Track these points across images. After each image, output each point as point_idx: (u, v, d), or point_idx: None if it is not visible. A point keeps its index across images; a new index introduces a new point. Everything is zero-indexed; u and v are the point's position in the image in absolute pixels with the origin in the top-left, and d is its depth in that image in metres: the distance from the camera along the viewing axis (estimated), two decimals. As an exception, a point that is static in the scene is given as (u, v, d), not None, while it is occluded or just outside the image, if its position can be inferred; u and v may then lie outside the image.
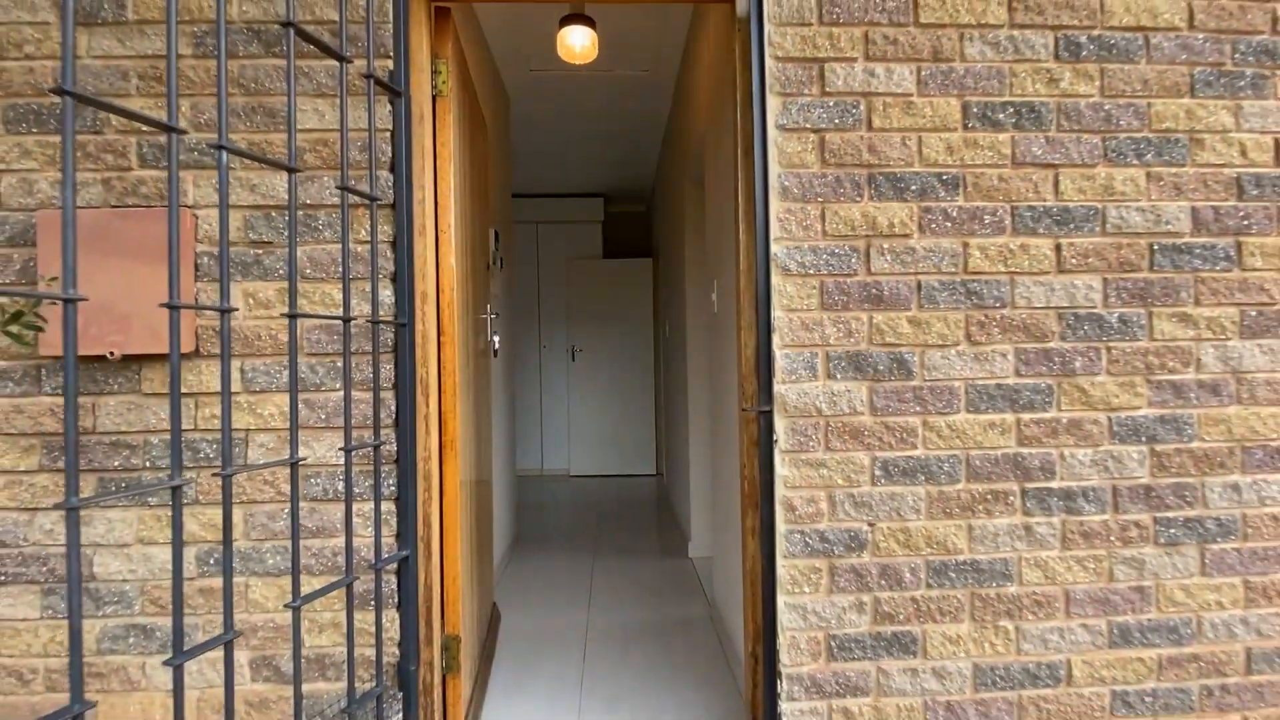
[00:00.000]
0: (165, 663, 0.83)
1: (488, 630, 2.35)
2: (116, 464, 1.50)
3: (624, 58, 3.34)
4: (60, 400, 1.49)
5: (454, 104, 1.79)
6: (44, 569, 1.50)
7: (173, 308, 0.80)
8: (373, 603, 1.43)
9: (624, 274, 5.88)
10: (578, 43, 2.57)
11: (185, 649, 0.82)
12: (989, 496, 1.60)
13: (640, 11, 2.93)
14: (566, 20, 2.65)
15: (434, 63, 1.72)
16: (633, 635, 2.53)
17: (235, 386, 1.53)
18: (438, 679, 1.66)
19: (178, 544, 0.82)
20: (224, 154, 0.90)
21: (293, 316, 1.04)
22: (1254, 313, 1.64)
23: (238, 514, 1.52)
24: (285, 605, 1.20)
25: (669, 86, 3.74)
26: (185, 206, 1.51)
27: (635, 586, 3.07)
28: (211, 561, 1.50)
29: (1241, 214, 1.64)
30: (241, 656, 1.51)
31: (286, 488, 1.50)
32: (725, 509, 2.45)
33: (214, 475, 1.48)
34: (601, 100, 3.91)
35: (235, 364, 1.53)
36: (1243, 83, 1.65)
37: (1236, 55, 1.65)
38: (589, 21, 2.68)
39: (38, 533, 1.50)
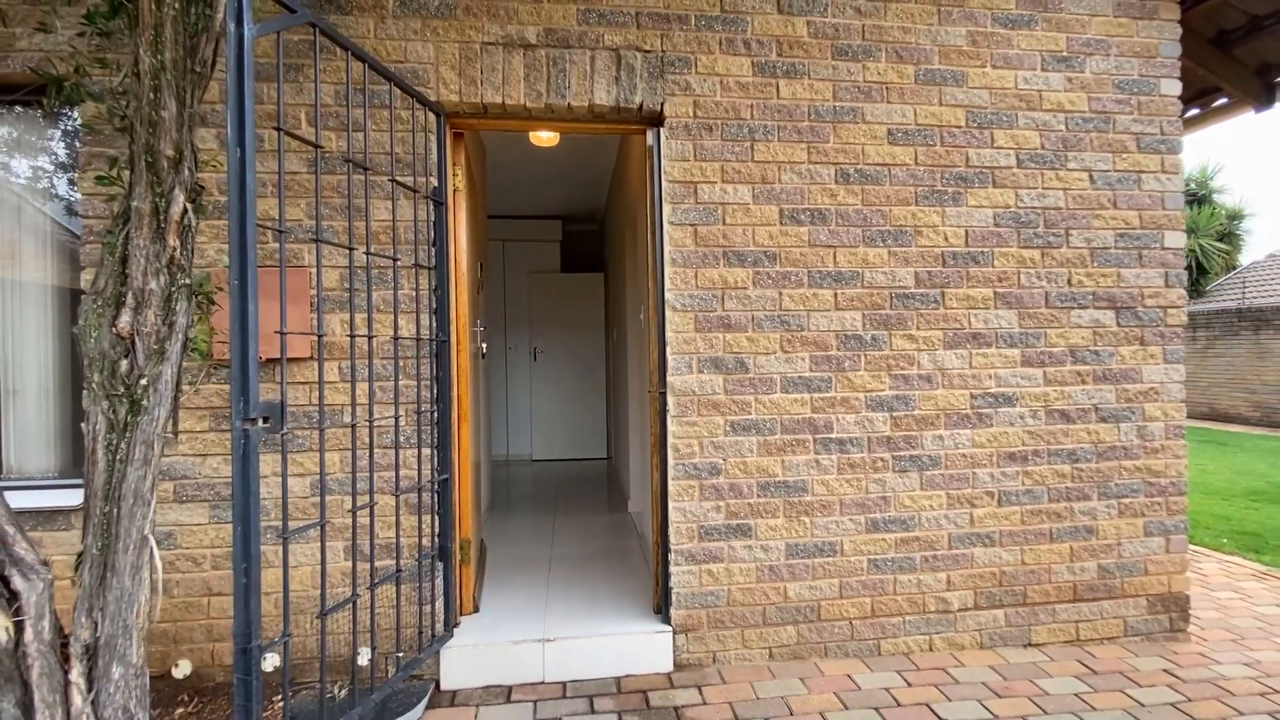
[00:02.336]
0: (280, 536, 1.78)
1: (479, 556, 3.30)
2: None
3: (580, 140, 4.32)
4: (224, 387, 2.38)
5: (465, 196, 2.76)
6: (211, 492, 2.40)
7: (280, 333, 1.75)
8: (417, 509, 2.39)
9: (579, 286, 6.86)
10: (544, 136, 3.54)
11: (290, 538, 1.78)
12: (794, 443, 2.67)
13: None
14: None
15: (454, 169, 2.67)
16: (585, 557, 3.53)
17: (333, 377, 2.45)
18: (457, 564, 2.63)
19: (284, 470, 1.77)
20: (319, 246, 1.85)
21: (365, 337, 2.00)
22: (950, 334, 2.77)
23: (334, 457, 2.45)
24: (347, 510, 2.15)
25: (614, 147, 4.74)
26: (302, 267, 2.42)
27: (586, 531, 4.07)
28: (318, 487, 2.42)
29: (944, 276, 2.76)
30: (337, 544, 2.44)
31: (369, 438, 2.44)
32: (646, 470, 3.47)
33: (311, 430, 2.41)
34: (561, 155, 4.88)
35: (334, 364, 2.45)
36: (946, 197, 2.77)
37: (942, 180, 2.77)
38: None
39: (208, 470, 2.40)
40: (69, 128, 2.58)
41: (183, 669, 2.37)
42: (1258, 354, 11.94)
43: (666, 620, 2.62)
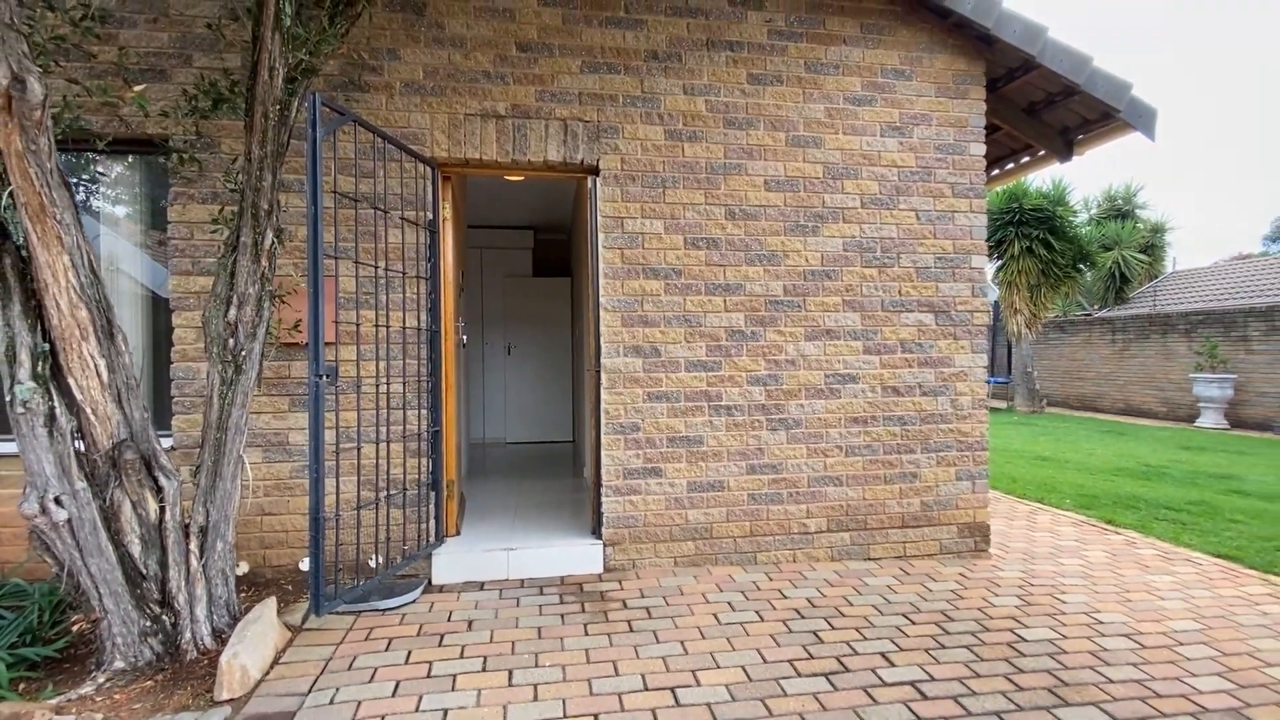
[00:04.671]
0: (307, 468, 2.70)
1: (460, 501, 4.22)
2: (301, 391, 3.31)
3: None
4: (280, 362, 3.27)
5: (451, 223, 3.68)
6: (263, 440, 3.29)
7: (311, 331, 2.67)
8: (417, 454, 3.31)
9: (549, 289, 7.79)
10: (513, 177, 4.46)
11: (318, 470, 2.70)
12: (694, 409, 3.65)
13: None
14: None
15: (443, 204, 3.59)
16: (544, 505, 4.47)
17: (350, 356, 3.35)
18: (445, 497, 3.55)
19: (313, 425, 2.69)
20: (336, 262, 2.77)
21: (383, 327, 2.92)
22: (810, 330, 3.76)
23: (352, 416, 3.35)
24: (366, 453, 3.06)
25: (575, 172, 5.68)
26: (330, 276, 3.32)
27: (547, 489, 5.00)
28: (345, 438, 3.33)
29: (805, 287, 3.76)
30: (355, 480, 3.34)
31: (383, 402, 3.34)
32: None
33: (343, 394, 3.32)
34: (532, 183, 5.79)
35: (351, 348, 3.35)
36: (807, 229, 3.76)
37: (805, 217, 3.76)
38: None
39: (260, 424, 3.29)
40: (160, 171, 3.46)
41: (242, 568, 3.26)
42: (1165, 355, 13.31)
43: (599, 537, 3.57)
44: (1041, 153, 4.68)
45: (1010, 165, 4.95)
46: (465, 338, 4.47)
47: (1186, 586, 3.53)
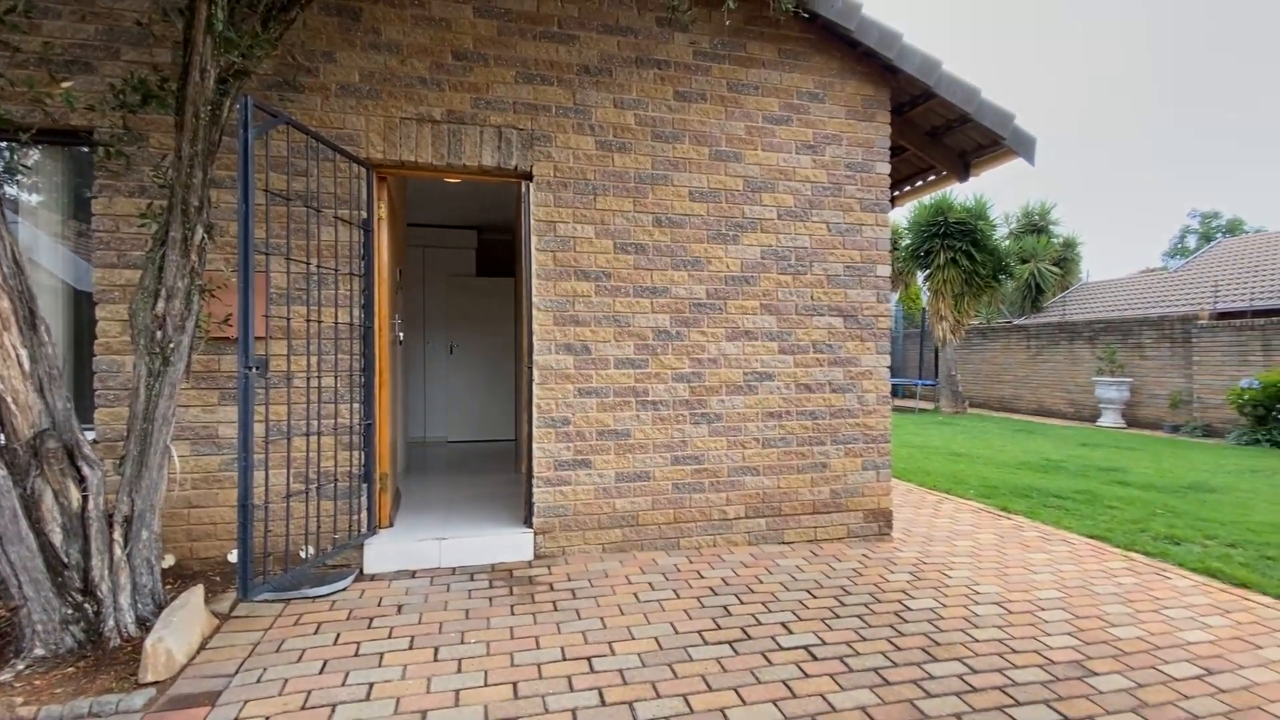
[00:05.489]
0: (236, 460, 2.80)
1: (395, 495, 4.30)
2: (231, 384, 3.35)
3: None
4: (210, 356, 3.30)
5: (386, 222, 3.78)
6: (191, 433, 3.31)
7: (241, 324, 2.78)
8: (349, 447, 3.40)
9: (492, 289, 7.88)
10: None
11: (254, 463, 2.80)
12: (622, 403, 3.87)
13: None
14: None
15: (379, 204, 3.69)
16: (480, 498, 4.59)
17: (281, 350, 3.41)
18: (378, 491, 3.65)
19: (242, 416, 2.80)
20: (267, 258, 2.88)
21: (315, 322, 3.02)
22: (730, 331, 4.05)
23: (283, 409, 3.41)
24: (296, 447, 3.15)
25: (516, 176, 5.82)
26: (261, 272, 3.38)
27: (485, 483, 5.12)
28: (276, 431, 3.38)
29: (726, 292, 4.04)
30: (285, 473, 3.40)
31: (315, 396, 3.41)
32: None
33: (274, 388, 3.37)
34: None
35: (282, 343, 3.41)
36: (729, 238, 4.05)
37: (726, 226, 4.05)
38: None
39: (189, 417, 3.31)
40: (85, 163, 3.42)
41: (168, 561, 3.27)
42: (1072, 361, 14.43)
43: (530, 526, 3.74)
44: (944, 173, 5.14)
45: (919, 183, 5.41)
46: (402, 335, 4.56)
47: (1057, 563, 3.97)
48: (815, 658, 2.65)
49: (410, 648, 2.65)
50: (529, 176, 3.76)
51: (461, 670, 2.48)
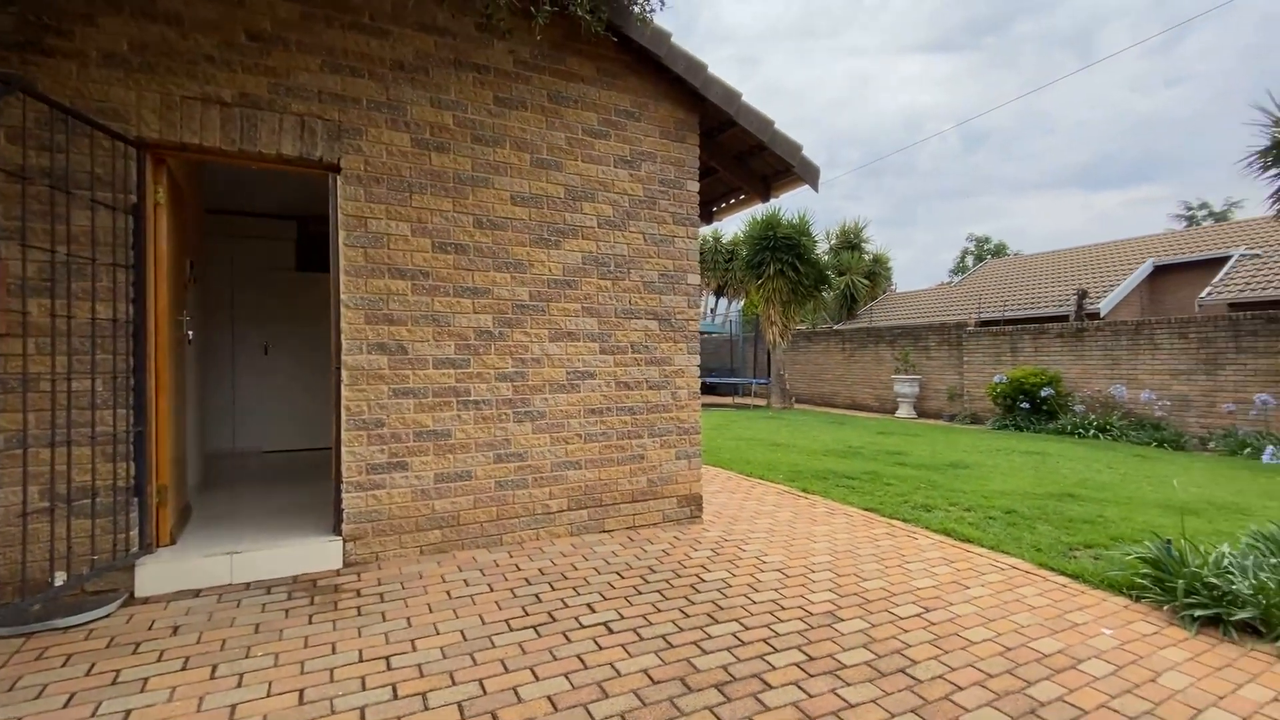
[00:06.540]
0: None
1: (181, 511, 3.89)
2: (-51, 391, 2.84)
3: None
4: (-90, 357, 2.76)
5: (167, 208, 3.43)
6: (-108, 449, 2.76)
7: None
8: (113, 458, 3.05)
9: (314, 285, 7.32)
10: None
11: None
12: (442, 404, 3.86)
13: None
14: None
15: (156, 187, 3.34)
16: (288, 508, 4.29)
17: (34, 350, 2.97)
18: (154, 505, 3.29)
19: None
20: (0, 244, 2.57)
21: (65, 318, 2.71)
22: (553, 332, 4.21)
23: (32, 417, 2.96)
24: (43, 460, 2.80)
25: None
26: (4, 259, 2.91)
27: (297, 494, 4.79)
28: (13, 442, 2.93)
29: (549, 294, 4.20)
30: (34, 490, 2.96)
31: (65, 401, 3.00)
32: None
33: (10, 395, 2.92)
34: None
35: (33, 341, 2.97)
36: (550, 243, 4.21)
37: (548, 231, 4.20)
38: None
39: (-112, 429, 2.75)
40: None
41: None
42: (877, 361, 16.61)
43: (339, 533, 3.60)
44: (751, 193, 5.74)
45: (732, 200, 5.98)
46: (191, 333, 4.13)
47: (835, 533, 4.63)
48: (611, 631, 2.88)
49: (184, 669, 2.47)
50: (336, 169, 3.62)
51: (242, 685, 2.36)
